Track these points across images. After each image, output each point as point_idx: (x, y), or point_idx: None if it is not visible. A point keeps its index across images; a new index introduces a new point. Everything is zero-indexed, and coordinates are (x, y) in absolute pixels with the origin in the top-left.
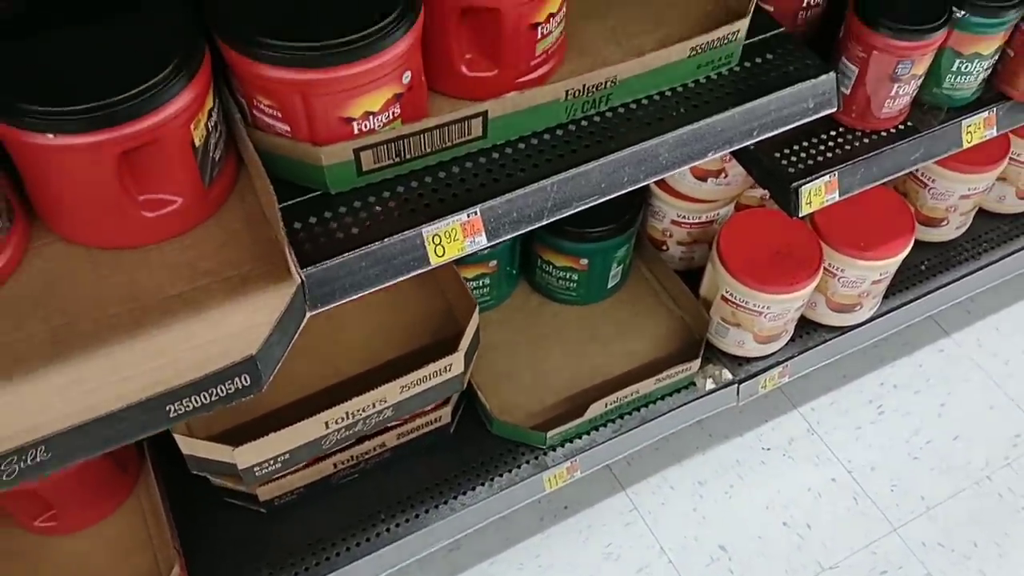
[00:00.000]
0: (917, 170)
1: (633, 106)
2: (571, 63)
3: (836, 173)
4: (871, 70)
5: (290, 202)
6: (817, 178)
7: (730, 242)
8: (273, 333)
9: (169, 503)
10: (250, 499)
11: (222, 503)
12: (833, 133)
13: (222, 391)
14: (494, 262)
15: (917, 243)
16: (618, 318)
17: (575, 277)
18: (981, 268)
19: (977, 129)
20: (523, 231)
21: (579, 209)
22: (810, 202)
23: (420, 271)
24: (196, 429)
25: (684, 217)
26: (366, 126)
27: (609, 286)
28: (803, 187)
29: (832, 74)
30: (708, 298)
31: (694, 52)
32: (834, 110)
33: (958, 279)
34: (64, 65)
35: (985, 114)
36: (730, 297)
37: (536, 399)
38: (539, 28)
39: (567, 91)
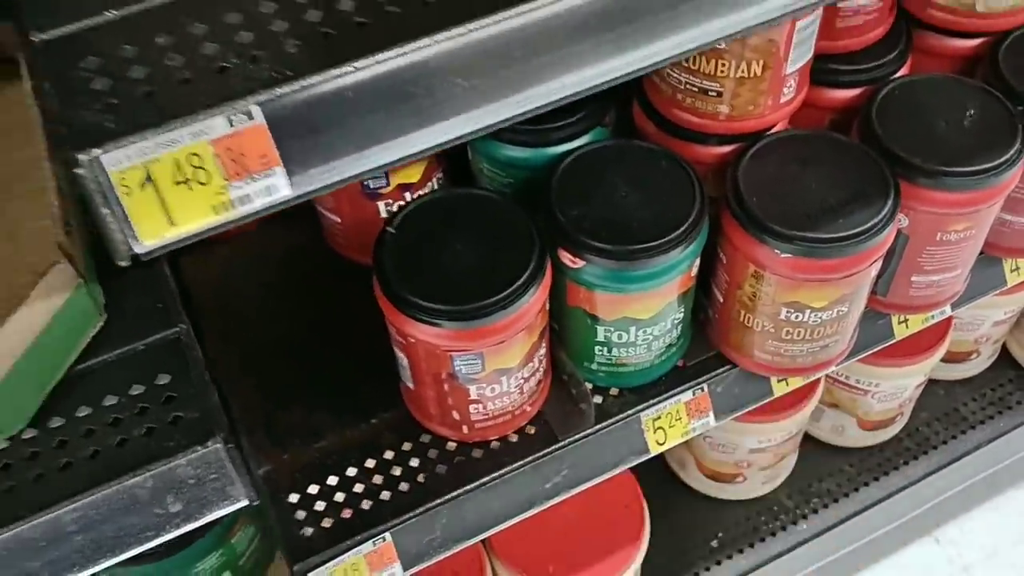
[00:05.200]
0: None
1: None
2: None
3: (390, 535)
4: (423, 366)
5: None
6: (350, 549)
7: None
8: None
9: None
10: None
11: None
12: (408, 447)
13: None
14: None
15: (710, 502)
16: None
17: None
18: (805, 541)
19: (674, 422)
20: None
21: None
22: None
23: None
24: None
25: None
26: None
27: None
28: (317, 573)
29: (217, 445)
30: None
31: None
32: (241, 504)
33: (768, 561)
34: None
35: (688, 395)
36: None
37: None
38: None
39: None
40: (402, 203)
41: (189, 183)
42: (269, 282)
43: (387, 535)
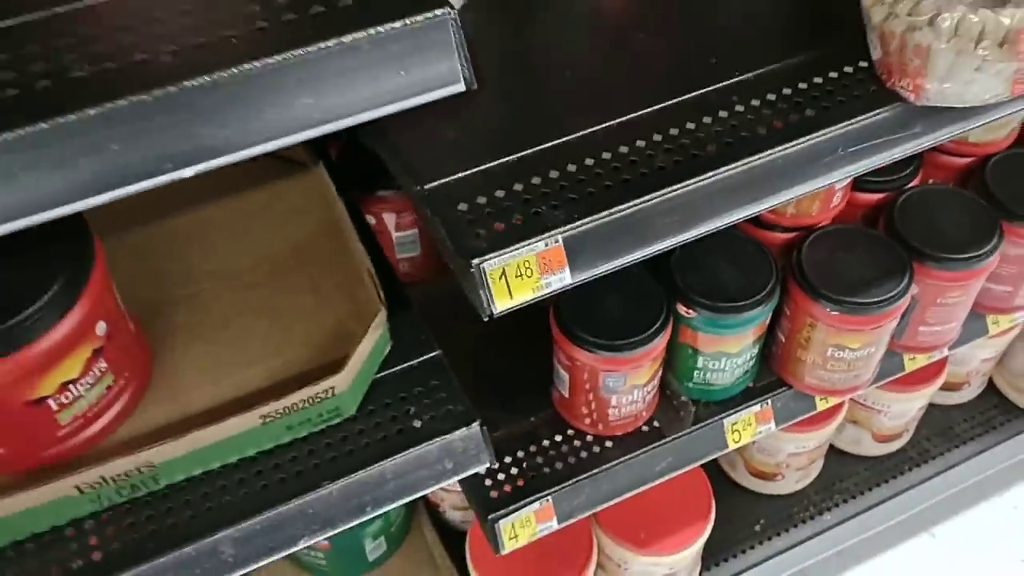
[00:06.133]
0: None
1: (203, 480)
2: (148, 412)
3: (551, 498)
4: (580, 380)
5: None
6: (524, 507)
7: None
8: None
9: None
10: None
11: None
12: (559, 438)
13: None
14: None
15: (754, 496)
16: None
17: (321, 554)
18: (829, 528)
19: (747, 426)
20: None
21: None
22: (515, 536)
23: None
24: None
25: None
26: None
27: (371, 559)
28: (502, 521)
29: (476, 427)
30: None
31: (267, 419)
32: (487, 465)
33: (799, 543)
34: None
35: (757, 408)
36: None
37: None
38: (51, 400)
39: (79, 486)
40: None
41: (522, 276)
42: (454, 310)
43: (549, 498)
